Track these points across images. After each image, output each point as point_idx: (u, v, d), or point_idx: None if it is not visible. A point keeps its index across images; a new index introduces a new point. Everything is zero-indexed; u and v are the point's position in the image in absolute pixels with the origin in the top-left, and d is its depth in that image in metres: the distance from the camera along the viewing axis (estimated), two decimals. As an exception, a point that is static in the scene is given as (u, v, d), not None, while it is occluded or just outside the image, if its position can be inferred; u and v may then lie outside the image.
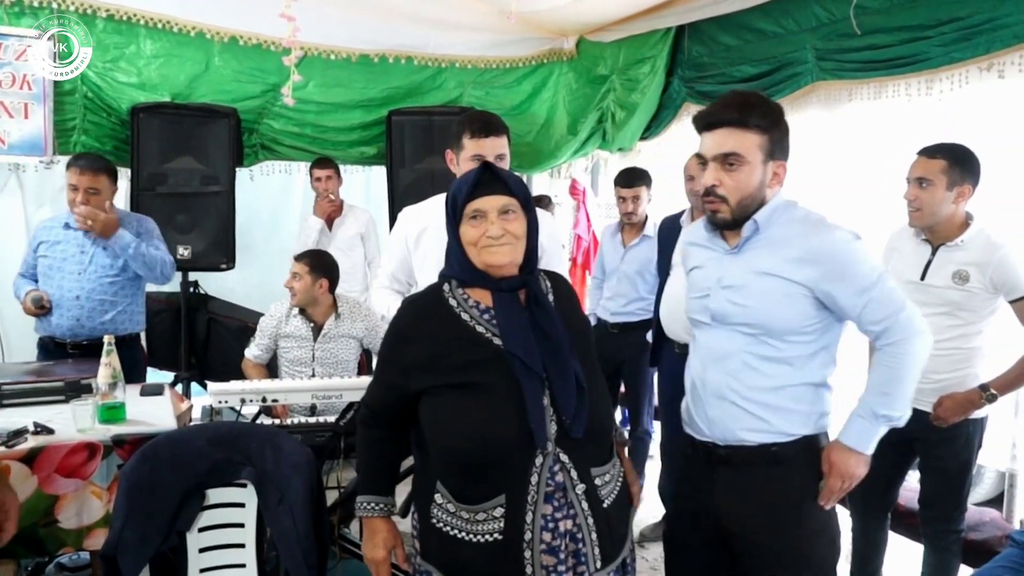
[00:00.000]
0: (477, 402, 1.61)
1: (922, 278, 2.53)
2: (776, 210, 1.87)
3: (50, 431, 2.37)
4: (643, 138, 4.92)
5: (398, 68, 4.74)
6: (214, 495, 2.19)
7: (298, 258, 3.50)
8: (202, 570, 2.18)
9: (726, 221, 1.88)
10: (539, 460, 1.59)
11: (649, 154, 4.93)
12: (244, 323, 4.33)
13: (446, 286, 1.72)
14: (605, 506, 1.66)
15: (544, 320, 1.67)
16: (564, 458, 1.61)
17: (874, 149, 3.46)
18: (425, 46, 4.76)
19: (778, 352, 1.85)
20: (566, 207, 5.61)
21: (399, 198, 4.41)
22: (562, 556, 1.59)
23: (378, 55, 4.68)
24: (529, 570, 1.57)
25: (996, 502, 3.06)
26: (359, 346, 3.57)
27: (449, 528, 1.63)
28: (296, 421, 2.99)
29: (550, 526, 1.59)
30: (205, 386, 3.23)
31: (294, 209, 5.36)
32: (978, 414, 2.51)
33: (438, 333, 1.67)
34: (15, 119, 3.98)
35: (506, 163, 2.46)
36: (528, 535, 1.57)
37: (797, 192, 2.04)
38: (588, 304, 4.25)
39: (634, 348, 3.83)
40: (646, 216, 3.97)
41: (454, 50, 4.83)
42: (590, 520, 1.62)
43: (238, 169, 4.46)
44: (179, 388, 4.24)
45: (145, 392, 2.87)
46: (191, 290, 4.48)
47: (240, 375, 3.52)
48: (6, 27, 3.92)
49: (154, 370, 4.45)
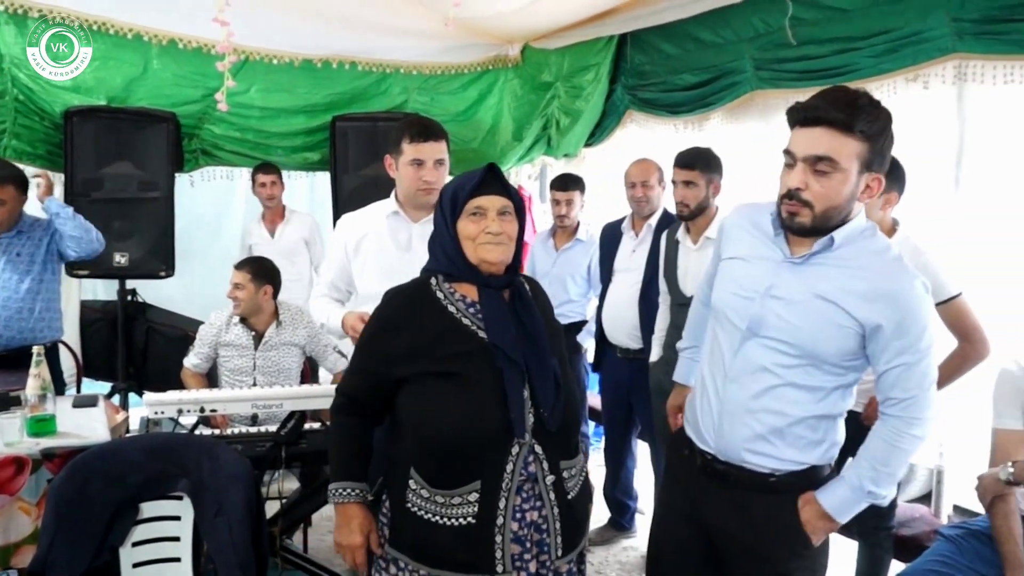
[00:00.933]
0: (460, 391, 1.68)
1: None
2: (857, 231, 1.70)
3: (-25, 446, 2.30)
4: (588, 144, 4.99)
5: (342, 73, 4.69)
6: (148, 508, 2.15)
7: (238, 267, 3.43)
8: (136, 585, 2.13)
9: (804, 228, 1.69)
10: (515, 450, 1.67)
11: (593, 160, 5.01)
12: (184, 331, 4.26)
13: (433, 280, 1.78)
14: (570, 498, 1.75)
15: (526, 317, 1.75)
16: (538, 449, 1.69)
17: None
18: (369, 51, 4.71)
19: (809, 379, 1.73)
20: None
21: (343, 204, 4.37)
22: (527, 545, 1.68)
23: (321, 60, 4.62)
24: (499, 554, 1.65)
25: (926, 499, 3.16)
26: (302, 354, 3.52)
27: (424, 512, 1.69)
28: (236, 431, 2.94)
29: (517, 516, 1.67)
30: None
31: (236, 215, 5.29)
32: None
33: (424, 324, 1.73)
34: (-59, 122, 3.84)
35: (445, 168, 2.47)
36: (500, 520, 1.66)
37: (733, 201, 2.05)
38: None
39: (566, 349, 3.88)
40: (579, 222, 4.10)
41: (399, 56, 4.79)
42: (556, 510, 1.71)
43: (178, 175, 4.37)
44: (116, 399, 4.13)
45: (78, 404, 2.80)
46: (128, 298, 4.38)
47: (180, 385, 3.45)
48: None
49: (90, 381, 4.35)
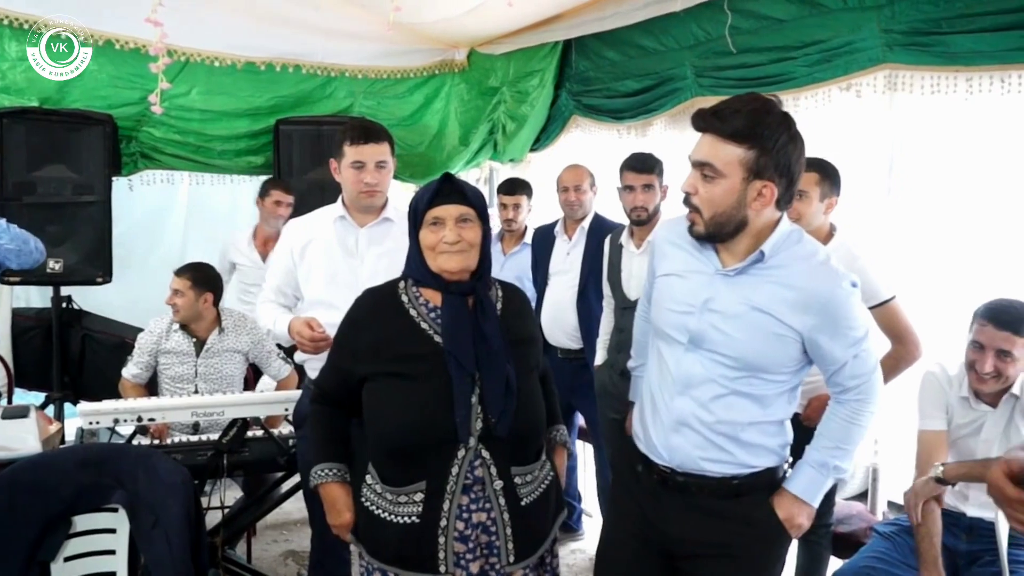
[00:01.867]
0: (410, 392, 1.72)
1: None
2: (783, 237, 1.74)
3: (-103, 460, 2.21)
4: (533, 149, 5.04)
5: (286, 76, 4.62)
6: (82, 522, 2.10)
7: (179, 273, 3.35)
8: (69, 601, 2.07)
9: (701, 236, 1.75)
10: (461, 453, 1.70)
11: (539, 165, 5.05)
12: (122, 339, 4.14)
13: (402, 283, 1.84)
14: (523, 504, 1.75)
15: (486, 325, 1.76)
16: (485, 454, 1.72)
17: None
18: (313, 54, 4.66)
19: (752, 388, 1.77)
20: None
21: (288, 208, 4.31)
22: (471, 545, 1.70)
23: (264, 63, 4.55)
24: (442, 555, 1.69)
25: (862, 497, 3.24)
26: (245, 360, 3.46)
27: (374, 507, 1.75)
28: (177, 440, 2.88)
29: (464, 516, 1.70)
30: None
31: (177, 220, 5.17)
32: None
33: (386, 324, 1.78)
34: None
35: (389, 171, 2.48)
36: (444, 522, 1.69)
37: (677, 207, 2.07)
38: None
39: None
40: (526, 226, 4.12)
41: (344, 59, 4.75)
42: (506, 516, 1.72)
43: (115, 178, 4.25)
44: (50, 410, 4.01)
45: (7, 415, 2.69)
46: (63, 305, 4.25)
47: (118, 395, 3.35)
48: None
49: (22, 391, 4.21)
